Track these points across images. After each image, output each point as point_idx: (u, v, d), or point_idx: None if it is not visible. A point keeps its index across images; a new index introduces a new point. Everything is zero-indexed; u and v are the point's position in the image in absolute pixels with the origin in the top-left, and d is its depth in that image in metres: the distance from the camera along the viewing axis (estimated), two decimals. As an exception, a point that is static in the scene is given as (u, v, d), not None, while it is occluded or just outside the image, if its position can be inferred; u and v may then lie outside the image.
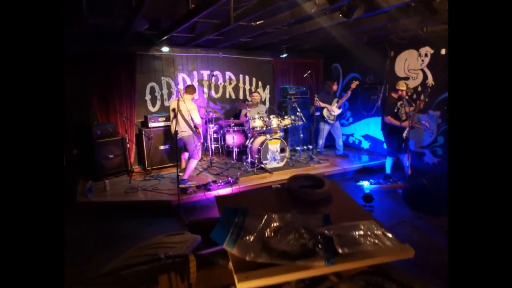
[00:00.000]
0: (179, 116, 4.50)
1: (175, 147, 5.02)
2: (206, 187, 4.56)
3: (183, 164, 5.19)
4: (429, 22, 4.81)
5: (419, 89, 5.79)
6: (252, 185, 4.89)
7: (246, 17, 3.94)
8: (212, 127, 6.02)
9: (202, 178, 5.07)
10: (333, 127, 6.46)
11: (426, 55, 5.65)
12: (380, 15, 4.40)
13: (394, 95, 4.98)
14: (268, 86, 7.46)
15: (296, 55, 7.48)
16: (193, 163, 4.78)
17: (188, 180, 4.77)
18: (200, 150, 4.83)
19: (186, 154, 5.03)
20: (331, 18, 4.25)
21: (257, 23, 4.73)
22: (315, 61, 7.88)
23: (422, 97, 5.02)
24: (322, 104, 6.18)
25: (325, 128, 6.41)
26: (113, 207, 4.35)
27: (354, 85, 6.08)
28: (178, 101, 4.43)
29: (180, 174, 4.98)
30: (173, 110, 4.53)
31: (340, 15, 3.56)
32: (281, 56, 6.98)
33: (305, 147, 6.79)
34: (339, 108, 6.28)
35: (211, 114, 5.87)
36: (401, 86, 4.92)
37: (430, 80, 5.60)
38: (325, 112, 6.28)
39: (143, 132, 5.56)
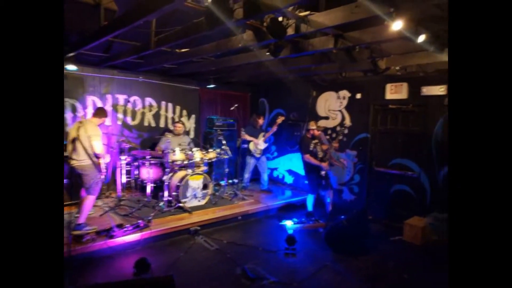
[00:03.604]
0: (77, 143, 3.80)
1: (74, 181, 4.19)
2: (108, 233, 3.79)
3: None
4: (348, 68, 5.18)
5: (338, 129, 6.10)
6: (167, 228, 4.28)
7: (169, 43, 3.61)
8: (125, 159, 5.28)
9: (106, 221, 4.26)
10: (259, 162, 6.36)
11: (344, 97, 6.03)
12: (305, 57, 4.53)
13: (308, 135, 5.13)
14: (193, 116, 7.06)
15: (224, 87, 7.32)
16: (90, 200, 3.97)
17: (86, 224, 3.91)
18: (99, 185, 4.08)
19: None
20: (259, 54, 4.20)
21: (182, 50, 4.42)
22: (243, 94, 7.85)
23: (335, 136, 5.27)
24: (249, 138, 6.10)
25: (251, 162, 6.32)
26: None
27: (279, 120, 6.13)
28: (79, 125, 3.78)
29: (77, 215, 4.12)
30: (73, 136, 3.84)
31: (267, 53, 3.48)
32: (208, 86, 6.74)
33: (230, 181, 6.48)
34: (265, 142, 6.24)
35: (124, 144, 5.16)
36: (311, 125, 5.09)
37: (347, 121, 5.95)
38: (251, 146, 6.21)
39: (33, 163, 4.54)
